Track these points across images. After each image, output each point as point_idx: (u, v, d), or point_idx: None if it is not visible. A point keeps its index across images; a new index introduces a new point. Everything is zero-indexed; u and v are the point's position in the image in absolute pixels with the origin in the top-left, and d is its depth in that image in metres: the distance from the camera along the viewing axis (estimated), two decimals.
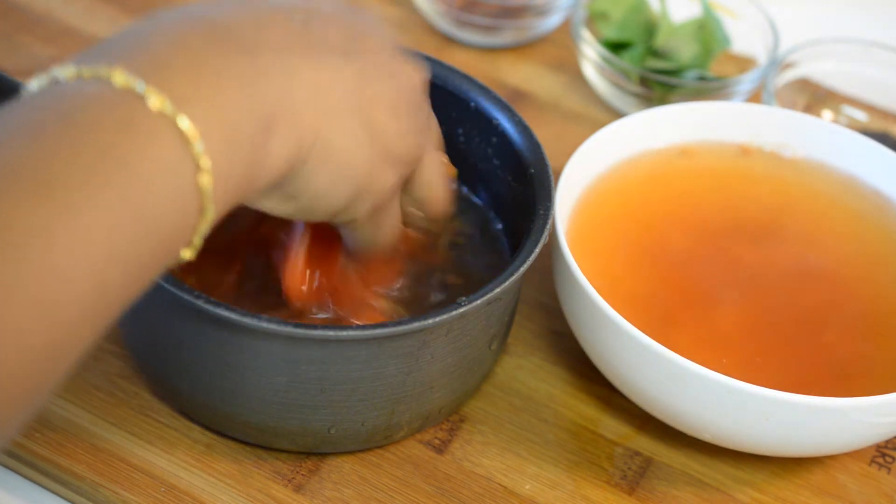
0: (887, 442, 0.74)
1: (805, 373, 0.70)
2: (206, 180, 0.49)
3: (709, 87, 0.91)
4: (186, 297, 0.60)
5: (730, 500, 0.71)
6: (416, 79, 0.62)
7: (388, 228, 0.64)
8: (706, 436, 0.69)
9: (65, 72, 0.49)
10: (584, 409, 0.74)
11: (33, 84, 0.49)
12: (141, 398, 0.71)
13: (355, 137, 0.57)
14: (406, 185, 0.64)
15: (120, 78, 0.48)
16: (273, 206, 0.58)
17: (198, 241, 0.50)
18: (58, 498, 0.68)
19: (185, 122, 0.48)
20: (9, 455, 0.68)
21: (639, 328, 0.66)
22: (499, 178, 0.76)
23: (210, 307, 0.60)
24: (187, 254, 0.51)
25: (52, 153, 0.45)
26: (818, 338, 0.72)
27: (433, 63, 0.76)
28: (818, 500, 0.71)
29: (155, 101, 0.48)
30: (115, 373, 0.72)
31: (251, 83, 0.52)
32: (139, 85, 0.48)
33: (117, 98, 0.47)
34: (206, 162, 0.49)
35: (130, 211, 0.46)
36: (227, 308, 0.60)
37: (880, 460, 0.73)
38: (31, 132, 0.46)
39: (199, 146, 0.48)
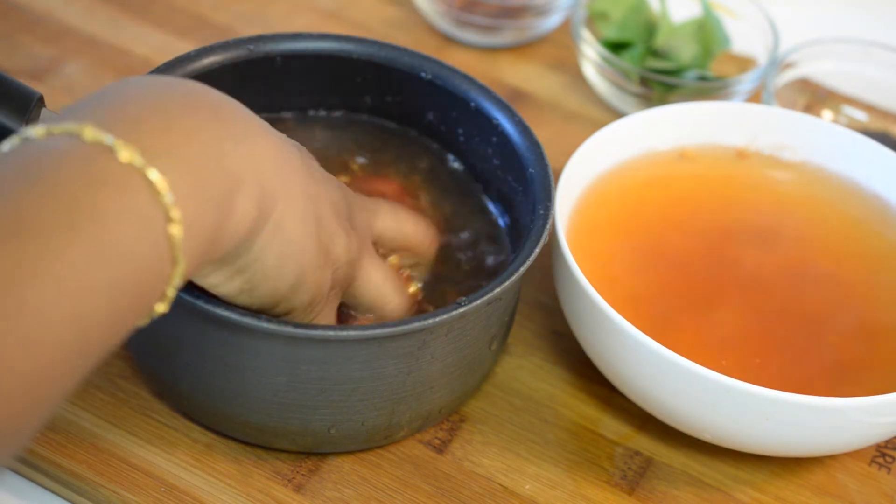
0: (887, 442, 0.74)
1: (805, 373, 0.70)
2: (176, 231, 0.49)
3: (709, 87, 0.91)
4: (186, 297, 0.60)
5: (730, 499, 0.71)
6: (341, 198, 0.64)
7: (388, 307, 0.67)
8: (706, 436, 0.69)
9: (35, 131, 0.49)
10: (584, 409, 0.74)
11: (4, 145, 0.49)
12: (141, 398, 0.71)
13: (306, 221, 0.59)
14: (352, 292, 0.66)
15: (90, 133, 0.48)
16: (218, 281, 0.58)
17: (171, 293, 0.51)
18: (58, 498, 0.68)
19: (154, 174, 0.49)
20: None
21: (639, 328, 0.66)
22: (499, 178, 0.76)
23: (210, 307, 0.60)
24: (161, 307, 0.51)
25: (21, 204, 0.46)
26: (818, 339, 0.72)
27: (433, 63, 0.76)
28: (818, 500, 0.71)
29: (124, 154, 0.48)
30: (115, 373, 0.72)
31: (220, 144, 0.53)
32: (108, 139, 0.48)
33: (87, 151, 0.48)
34: (176, 213, 0.49)
35: (104, 256, 0.47)
36: (227, 308, 0.60)
37: (880, 460, 0.73)
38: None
39: (168, 197, 0.49)
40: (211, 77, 0.73)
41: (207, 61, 0.73)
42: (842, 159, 0.81)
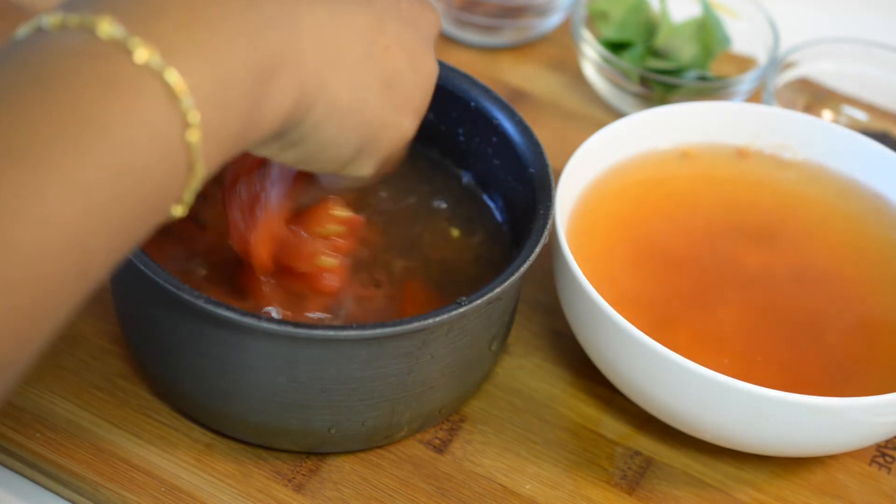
0: (887, 442, 0.74)
1: (805, 373, 0.70)
2: (194, 136, 0.47)
3: (709, 87, 0.91)
4: (186, 297, 0.60)
5: (730, 499, 0.71)
6: (434, 24, 0.60)
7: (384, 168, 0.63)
8: (706, 436, 0.69)
9: (51, 19, 0.47)
10: (584, 409, 0.74)
11: (20, 32, 0.47)
12: (141, 398, 0.71)
13: (367, 88, 0.55)
14: None
15: (105, 28, 0.46)
16: (273, 153, 0.56)
17: (188, 197, 0.49)
18: (58, 498, 0.68)
19: (173, 76, 0.46)
20: (9, 455, 0.68)
21: (639, 328, 0.66)
22: (499, 178, 0.76)
23: (210, 307, 0.60)
24: (178, 210, 0.49)
25: (25, 114, 0.44)
26: (818, 338, 0.72)
27: None
28: (818, 500, 0.71)
29: (141, 54, 0.46)
30: (115, 373, 0.72)
31: (250, 33, 0.50)
32: (125, 36, 0.46)
33: (101, 50, 0.45)
34: (194, 117, 0.47)
35: (108, 172, 0.45)
36: (227, 308, 0.60)
37: (880, 460, 0.73)
38: (3, 92, 0.44)
39: (187, 101, 0.46)
40: None
41: None
42: (842, 159, 0.81)
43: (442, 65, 0.76)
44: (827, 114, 0.95)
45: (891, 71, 0.94)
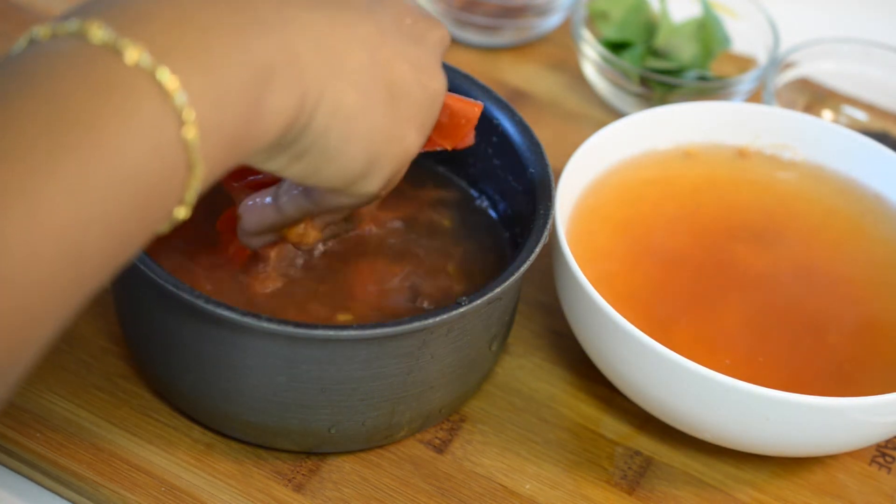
0: (887, 442, 0.74)
1: (805, 372, 0.70)
2: (191, 133, 0.47)
3: (709, 87, 0.91)
4: (186, 296, 0.60)
5: (730, 499, 0.71)
6: (442, 40, 0.60)
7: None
8: (706, 435, 0.69)
9: (41, 30, 0.47)
10: (584, 409, 0.74)
11: (14, 47, 0.47)
12: (141, 398, 0.71)
13: (371, 96, 0.55)
14: None
15: (96, 33, 0.46)
16: (281, 166, 0.55)
17: (190, 197, 0.48)
18: (58, 497, 0.68)
19: (164, 74, 0.46)
20: (9, 455, 0.68)
21: (639, 328, 0.66)
22: (499, 178, 0.76)
23: (210, 307, 0.60)
24: (181, 212, 0.49)
25: (14, 117, 0.43)
26: (818, 338, 0.72)
27: None
28: (818, 500, 0.71)
29: (131, 54, 0.46)
30: (115, 373, 0.72)
31: (243, 37, 0.49)
32: (114, 38, 0.46)
33: (91, 54, 0.45)
34: (189, 114, 0.46)
35: (101, 171, 0.44)
36: (227, 308, 0.60)
37: (880, 460, 0.73)
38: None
39: (180, 98, 0.46)
40: None
41: None
42: (842, 159, 0.81)
43: (442, 65, 0.75)
44: (827, 114, 0.95)
45: (891, 71, 0.94)
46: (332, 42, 0.53)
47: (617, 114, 0.93)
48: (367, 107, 0.55)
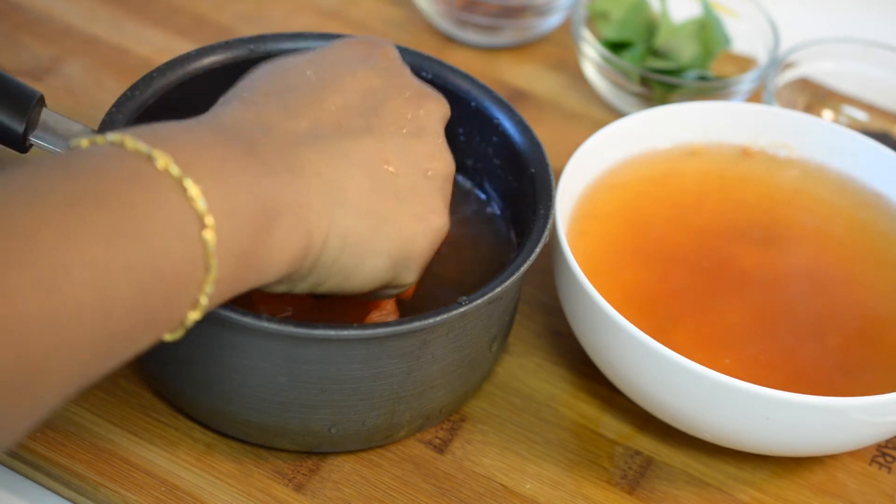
0: (888, 441, 0.74)
1: (805, 372, 0.70)
2: (210, 236, 0.50)
3: (709, 87, 0.91)
4: None
5: (730, 499, 0.71)
6: (442, 114, 0.64)
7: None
8: (706, 435, 0.69)
9: (80, 141, 0.51)
10: (584, 409, 0.74)
11: (49, 156, 0.51)
12: (142, 398, 0.71)
13: (377, 214, 0.59)
14: None
15: (130, 143, 0.50)
16: (307, 288, 0.59)
17: (204, 300, 0.51)
18: (59, 497, 0.68)
19: (189, 182, 0.50)
20: (9, 455, 0.68)
21: (639, 328, 0.66)
22: (499, 178, 0.76)
23: None
24: (193, 315, 0.52)
25: (47, 195, 0.46)
26: (819, 338, 0.72)
27: (434, 62, 0.76)
28: (819, 500, 0.71)
29: (161, 161, 0.49)
30: (115, 372, 0.71)
31: (252, 172, 0.53)
32: (147, 148, 0.50)
33: (127, 155, 0.49)
34: (210, 220, 0.50)
35: (126, 255, 0.47)
36: (228, 308, 0.60)
37: (881, 460, 0.73)
38: (39, 184, 0.47)
39: (202, 204, 0.50)
40: (211, 77, 0.73)
41: (207, 61, 0.73)
42: (843, 159, 0.81)
43: (442, 64, 0.76)
44: (827, 114, 0.95)
45: (891, 71, 0.94)
46: (335, 175, 0.57)
47: (617, 114, 0.93)
48: (374, 225, 0.59)
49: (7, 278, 0.43)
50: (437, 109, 0.65)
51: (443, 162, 0.63)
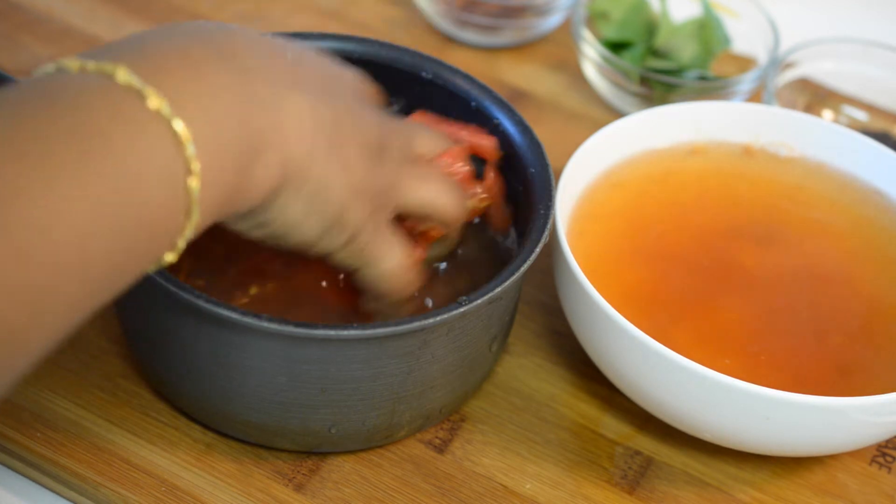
0: (888, 441, 0.74)
1: (805, 372, 0.70)
2: (194, 183, 0.50)
3: (709, 87, 0.91)
4: (186, 296, 0.60)
5: (730, 499, 0.71)
6: (380, 127, 0.63)
7: (384, 263, 0.64)
8: (707, 435, 0.69)
9: (69, 63, 0.50)
10: (584, 409, 0.74)
11: (38, 71, 0.50)
12: (141, 398, 0.71)
13: (330, 172, 0.59)
14: (403, 211, 0.65)
15: (122, 75, 0.49)
16: (246, 229, 0.59)
17: (181, 244, 0.51)
18: (59, 497, 0.68)
19: (179, 125, 0.49)
20: (9, 454, 0.68)
21: (639, 328, 0.66)
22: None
23: (210, 307, 0.60)
24: (170, 257, 0.52)
25: (38, 125, 0.46)
26: (819, 337, 0.72)
27: (434, 63, 0.76)
28: (819, 500, 0.71)
29: (153, 101, 0.49)
30: (115, 372, 0.72)
31: (246, 105, 0.53)
32: (140, 84, 0.49)
33: (117, 91, 0.49)
34: (196, 166, 0.50)
35: (117, 191, 0.47)
36: (228, 308, 0.60)
37: (881, 460, 0.73)
38: (23, 108, 0.47)
39: (191, 149, 0.50)
40: None
41: None
42: (843, 159, 0.81)
43: (442, 64, 0.76)
44: (827, 114, 0.95)
45: (891, 71, 0.94)
46: (305, 122, 0.57)
47: (617, 114, 0.93)
48: (327, 183, 0.58)
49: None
50: (378, 121, 0.64)
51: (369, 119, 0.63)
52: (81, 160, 0.46)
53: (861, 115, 0.95)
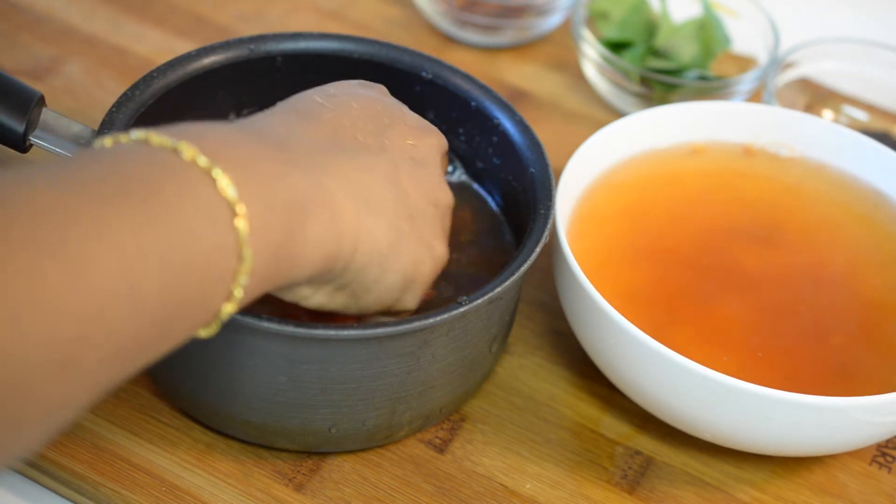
0: (888, 441, 0.74)
1: (805, 372, 0.70)
2: (241, 224, 0.50)
3: (709, 87, 0.91)
4: None
5: (730, 499, 0.71)
6: (440, 147, 0.65)
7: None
8: (706, 435, 0.69)
9: (103, 140, 0.51)
10: (584, 409, 0.74)
11: (100, 141, 0.51)
12: (142, 398, 0.71)
13: (398, 228, 0.59)
14: None
15: (155, 138, 0.50)
16: (323, 300, 0.60)
17: (239, 292, 0.51)
18: (59, 497, 0.68)
19: (218, 172, 0.50)
20: None
21: (639, 327, 0.66)
22: (499, 178, 0.76)
23: None
24: (229, 307, 0.51)
25: (84, 178, 0.47)
26: (819, 337, 0.72)
27: (434, 63, 0.76)
28: (819, 500, 0.71)
29: (188, 154, 0.49)
30: None
31: (283, 169, 0.54)
32: (172, 142, 0.50)
33: (152, 150, 0.50)
34: (241, 208, 0.50)
35: (166, 240, 0.47)
36: None
37: (881, 460, 0.73)
38: (68, 175, 0.47)
39: (232, 192, 0.50)
40: (211, 77, 0.73)
41: (207, 61, 0.73)
42: (843, 158, 0.81)
43: (442, 64, 0.76)
44: (827, 114, 0.95)
45: (891, 71, 0.94)
46: (360, 183, 0.58)
47: (617, 114, 0.93)
48: (396, 240, 0.60)
49: (41, 265, 0.43)
50: (437, 143, 0.66)
51: (446, 194, 0.65)
52: (125, 209, 0.46)
53: (861, 115, 0.95)
